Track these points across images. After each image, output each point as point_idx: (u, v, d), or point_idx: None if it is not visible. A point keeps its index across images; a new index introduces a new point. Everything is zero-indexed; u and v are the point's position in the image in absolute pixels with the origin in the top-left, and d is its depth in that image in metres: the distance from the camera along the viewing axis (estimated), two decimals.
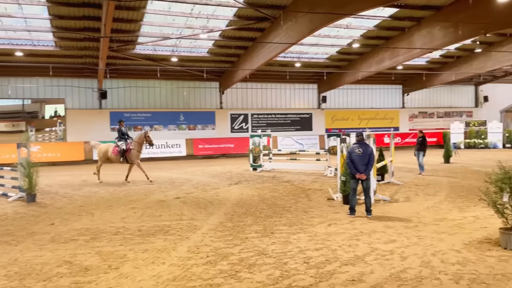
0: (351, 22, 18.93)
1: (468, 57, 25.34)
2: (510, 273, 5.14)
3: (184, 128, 25.87)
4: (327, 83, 27.56)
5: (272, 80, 27.24)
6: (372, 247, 6.41)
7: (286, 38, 16.52)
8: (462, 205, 9.50)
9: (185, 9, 16.41)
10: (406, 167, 17.40)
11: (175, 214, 9.10)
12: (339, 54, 23.89)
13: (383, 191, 11.60)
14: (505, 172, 6.22)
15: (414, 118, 31.36)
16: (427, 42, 18.98)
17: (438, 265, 5.50)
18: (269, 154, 18.46)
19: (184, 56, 22.39)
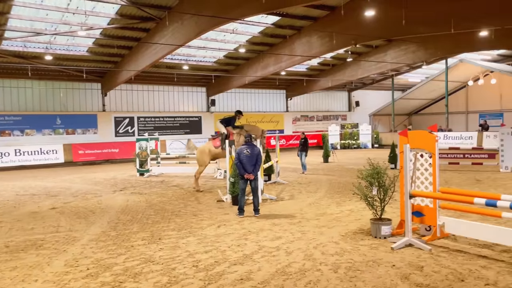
0: (237, 28, 19.38)
1: (342, 66, 27.82)
2: (380, 259, 5.72)
3: (61, 133, 23.71)
4: (216, 86, 27.80)
5: (160, 82, 26.53)
6: (260, 245, 6.59)
7: (172, 40, 16.24)
8: (339, 200, 10.33)
9: (60, 3, 15.08)
10: (291, 167, 18.36)
11: (50, 226, 8.26)
12: (227, 58, 24.29)
13: (270, 190, 12.06)
14: (374, 168, 6.92)
15: (297, 121, 33.33)
16: (307, 50, 20.34)
17: (319, 257, 5.87)
18: (157, 158, 17.91)
19: (60, 55, 20.53)
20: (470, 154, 16.88)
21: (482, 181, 12.93)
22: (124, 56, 21.38)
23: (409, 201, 6.44)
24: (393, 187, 6.86)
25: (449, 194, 6.58)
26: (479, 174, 14.44)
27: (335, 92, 35.02)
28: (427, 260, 5.61)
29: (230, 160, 10.74)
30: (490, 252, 5.86)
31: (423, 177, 6.82)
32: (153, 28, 17.54)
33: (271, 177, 14.20)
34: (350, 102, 36.24)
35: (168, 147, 25.76)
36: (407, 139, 6.70)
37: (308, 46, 20.18)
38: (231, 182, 10.14)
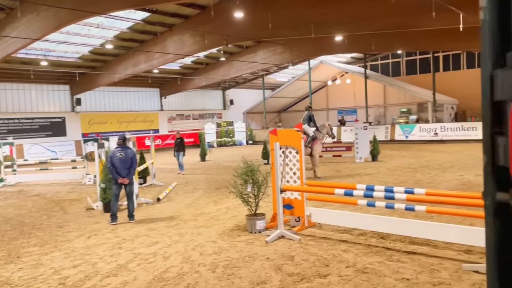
0: (103, 22, 18.20)
1: (215, 65, 28.23)
2: (255, 253, 5.96)
3: None
4: (81, 84, 25.73)
5: (12, 80, 23.50)
6: (135, 252, 6.32)
7: (26, 33, 14.53)
8: (217, 199, 10.48)
9: None
10: (167, 168, 18.00)
11: None
12: (92, 54, 22.65)
13: (146, 193, 11.65)
14: (248, 166, 7.17)
15: (173, 120, 32.81)
16: (179, 48, 20.13)
17: (197, 258, 5.86)
18: (13, 166, 15.90)
19: None
20: (331, 147, 18.64)
21: (341, 171, 14.41)
22: None
23: (280, 196, 6.84)
24: (266, 183, 7.20)
25: (315, 187, 7.17)
26: (339, 165, 16.06)
27: (210, 91, 35.39)
28: (297, 249, 6.03)
29: (100, 164, 10.08)
30: (349, 236, 6.56)
31: (291, 171, 7.30)
32: (3, 18, 15.45)
33: (147, 179, 13.74)
34: (225, 101, 37.00)
35: (27, 152, 23.03)
36: (277, 138, 7.09)
37: (181, 44, 19.99)
38: (102, 188, 9.52)
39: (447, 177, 11.98)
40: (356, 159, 16.96)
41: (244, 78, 34.13)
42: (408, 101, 30.44)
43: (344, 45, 20.81)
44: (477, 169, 13.10)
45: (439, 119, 27.26)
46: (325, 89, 36.16)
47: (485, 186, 0.83)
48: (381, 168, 14.53)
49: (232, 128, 32.81)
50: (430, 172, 12.99)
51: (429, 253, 5.56)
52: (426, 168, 13.90)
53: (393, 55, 33.42)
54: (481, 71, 0.84)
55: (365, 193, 6.03)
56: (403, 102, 30.79)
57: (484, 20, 0.83)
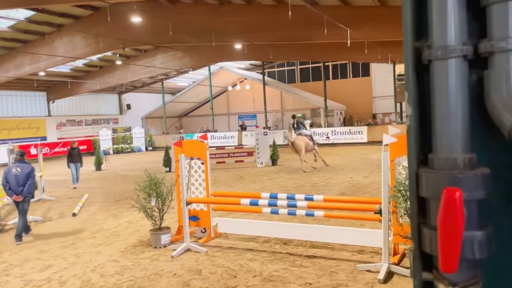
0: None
1: (111, 68, 26.86)
2: (161, 270, 5.81)
3: None
4: None
5: None
6: (26, 279, 5.74)
7: None
8: (116, 212, 9.96)
9: None
10: (58, 180, 16.60)
11: None
12: None
13: (34, 210, 10.61)
14: (151, 179, 6.96)
15: (63, 127, 30.38)
16: (70, 50, 18.77)
17: (98, 281, 5.53)
18: None
19: None
20: (233, 153, 18.96)
21: (244, 177, 14.73)
22: None
23: (186, 208, 6.78)
24: (171, 195, 7.07)
25: (221, 197, 7.25)
26: (241, 170, 16.40)
27: (105, 95, 33.53)
28: (204, 262, 6.02)
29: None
30: (255, 244, 6.75)
31: (197, 183, 7.28)
32: None
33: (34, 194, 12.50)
34: (121, 105, 35.36)
35: None
36: (182, 149, 7.01)
37: (72, 46, 18.67)
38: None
39: (339, 179, 12.98)
40: (257, 164, 17.49)
41: (142, 82, 33.01)
42: (303, 106, 32.31)
43: (244, 53, 21.36)
44: (364, 171, 14.42)
45: (330, 124, 29.39)
46: (225, 94, 36.65)
47: (413, 268, 0.96)
48: (281, 173, 15.19)
49: (129, 134, 31.47)
50: (325, 175, 13.94)
51: (328, 255, 5.98)
52: (321, 171, 14.87)
53: (289, 63, 35.20)
54: (408, 168, 0.98)
55: (269, 201, 6.27)
56: (298, 107, 32.58)
57: (410, 125, 0.97)
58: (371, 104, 32.69)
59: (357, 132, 26.00)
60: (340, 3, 14.58)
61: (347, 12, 14.81)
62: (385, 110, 31.79)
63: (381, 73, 31.32)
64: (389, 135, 5.20)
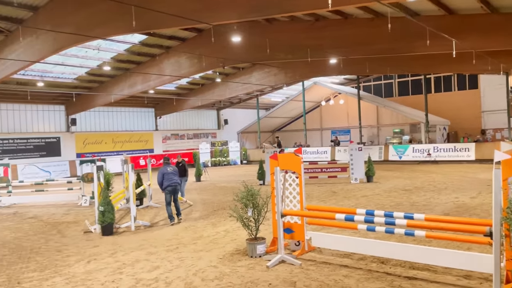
0: (101, 44, 18.42)
1: (211, 85, 28.50)
2: (257, 279, 5.99)
3: None
4: (77, 104, 25.76)
5: (8, 100, 23.53)
6: (137, 278, 6.32)
7: (25, 55, 14.66)
8: (215, 221, 10.49)
9: None
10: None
11: None
12: (89, 75, 22.80)
13: (143, 216, 11.63)
14: (248, 190, 7.25)
15: (168, 140, 32.86)
16: (176, 69, 20.37)
17: (200, 284, 5.88)
18: (8, 187, 15.77)
19: None
20: (326, 168, 18.77)
21: (337, 192, 14.50)
22: None
23: (281, 220, 6.92)
24: (266, 207, 7.27)
25: (315, 211, 7.26)
26: (335, 186, 16.16)
27: (205, 111, 35.59)
28: (298, 275, 6.07)
29: (99, 187, 10.08)
30: (350, 261, 6.62)
31: (291, 196, 7.39)
32: (1, 41, 15.59)
33: (143, 201, 13.72)
34: (219, 120, 37.18)
35: (20, 172, 22.88)
36: (277, 162, 7.20)
37: (177, 66, 20.24)
38: (100, 211, 9.51)
39: (442, 199, 12.12)
40: (351, 180, 17.09)
41: (239, 98, 34.42)
42: (401, 121, 30.83)
43: (338, 68, 21.20)
44: (471, 191, 13.28)
45: (432, 140, 27.59)
46: (318, 109, 36.54)
47: None
48: (377, 190, 14.65)
49: (226, 147, 32.90)
50: (425, 194, 13.13)
51: (430, 278, 5.64)
52: (421, 190, 14.04)
53: (386, 76, 34.00)
54: None
55: (365, 218, 6.13)
56: (396, 122, 31.18)
57: None
58: (480, 119, 30.01)
59: (463, 149, 24.04)
60: (444, 13, 13.80)
61: (451, 21, 13.95)
62: (496, 125, 28.95)
63: (492, 85, 28.68)
64: (501, 152, 4.80)
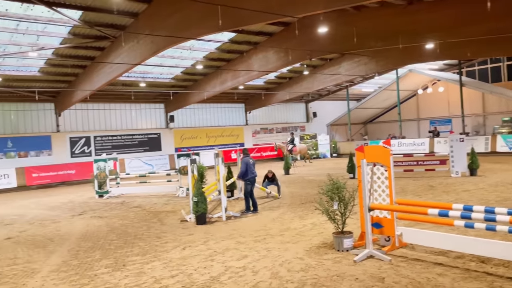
0: (194, 44, 19.44)
1: (298, 78, 28.48)
2: (343, 272, 5.90)
3: (13, 156, 22.66)
4: (174, 102, 27.62)
5: (116, 100, 26.02)
6: (226, 265, 6.62)
7: (128, 59, 16.06)
8: (302, 214, 10.53)
9: (9, 24, 14.55)
10: None
11: (6, 259, 7.88)
12: (184, 74, 24.24)
13: (233, 207, 12.10)
14: (334, 183, 7.15)
15: (257, 134, 33.62)
16: (264, 64, 20.72)
17: (285, 275, 5.97)
18: (117, 179, 17.49)
19: (9, 76, 19.72)
20: (423, 161, 17.67)
21: (435, 187, 13.59)
22: (78, 76, 20.86)
23: (368, 214, 6.71)
24: (353, 200, 7.11)
25: (405, 206, 6.91)
26: (432, 180, 15.16)
27: (293, 104, 35.69)
28: (387, 271, 5.85)
29: (193, 179, 10.71)
30: (445, 259, 6.20)
31: (380, 189, 7.13)
32: (108, 46, 17.28)
33: (234, 193, 14.25)
34: (308, 113, 37.01)
35: (127, 166, 25.20)
36: (364, 154, 6.99)
37: (265, 61, 20.57)
38: (194, 202, 10.10)
39: None
40: (451, 173, 15.87)
41: (327, 90, 33.89)
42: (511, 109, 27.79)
43: (435, 53, 19.74)
44: None
45: None
46: (415, 98, 34.49)
47: None
48: (481, 184, 13.44)
49: (315, 140, 32.65)
50: None
51: None
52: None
53: (492, 59, 30.85)
54: None
55: (462, 214, 5.68)
56: (505, 110, 28.18)
57: None
58: None
59: None
60: None
61: None
62: None
63: None
64: None
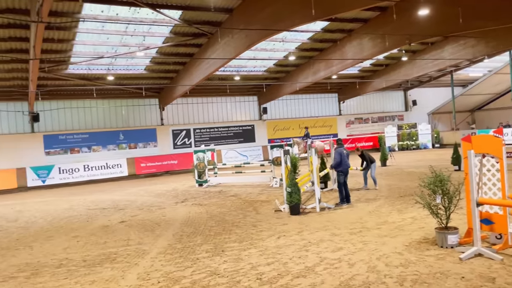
0: (286, 36, 19.51)
1: (396, 65, 27.03)
2: (448, 270, 5.54)
3: (124, 147, 25.08)
4: (267, 94, 28.10)
5: (213, 94, 27.29)
6: (321, 256, 6.61)
7: (224, 53, 16.68)
8: (401, 207, 10.06)
9: (119, 27, 16.03)
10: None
11: (121, 240, 8.80)
12: (277, 66, 24.49)
13: (327, 198, 12.00)
14: (436, 176, 6.71)
15: (351, 124, 32.77)
16: (358, 52, 20.02)
17: (383, 269, 5.79)
18: (214, 169, 18.40)
19: (120, 74, 21.81)
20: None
21: None
22: (179, 72, 22.27)
23: (476, 209, 6.19)
24: (458, 194, 6.61)
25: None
26: None
27: (390, 92, 34.05)
28: (499, 271, 5.36)
29: (286, 169, 10.83)
30: None
31: (490, 183, 6.52)
32: (205, 43, 18.14)
33: (327, 184, 14.11)
34: (407, 102, 35.04)
35: (224, 156, 26.35)
36: (471, 145, 6.44)
37: (360, 48, 19.87)
38: (288, 192, 10.23)
39: None
40: None
41: (428, 76, 31.67)
42: None
43: None
44: None
45: None
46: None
47: None
48: None
49: (415, 130, 30.84)
50: None
51: None
52: None
53: None
54: None
55: None
56: None
57: None
58: None
59: None
60: None
61: None
62: None
63: None
64: None
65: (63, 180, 22.40)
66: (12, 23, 14.17)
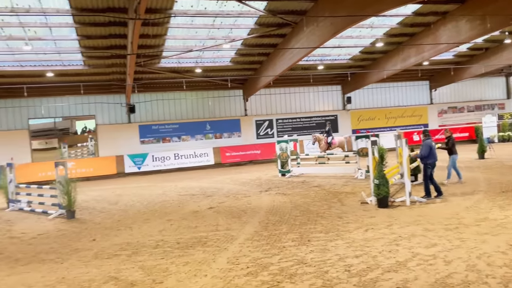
0: (374, 22, 18.72)
1: (497, 48, 24.60)
2: None
3: (210, 137, 26.14)
4: (351, 83, 27.31)
5: (295, 84, 27.21)
6: (413, 252, 6.31)
7: (308, 43, 16.50)
8: (503, 204, 9.22)
9: (207, 21, 16.63)
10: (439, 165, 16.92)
11: (210, 225, 9.20)
12: (362, 54, 23.65)
13: (418, 192, 11.37)
14: None
15: (444, 114, 30.64)
16: (454, 36, 18.54)
17: (485, 269, 5.36)
18: (297, 159, 18.40)
19: (207, 67, 22.67)
20: None
21: None
22: (262, 63, 22.54)
23: None
24: None
25: None
26: None
27: (489, 79, 31.17)
28: None
29: (374, 161, 10.47)
30: None
31: None
32: (289, 33, 18.10)
33: (418, 177, 13.38)
34: (509, 89, 31.84)
35: (306, 147, 26.22)
36: None
37: (455, 31, 18.37)
38: (375, 184, 9.89)
39: None
40: None
41: None
42: None
43: None
44: None
45: None
46: None
47: None
48: None
49: None
50: None
51: None
52: None
53: None
54: None
55: None
56: None
57: None
58: None
59: None
60: None
61: None
62: None
63: None
64: None
65: (156, 167, 24.05)
66: (112, 21, 15.38)
